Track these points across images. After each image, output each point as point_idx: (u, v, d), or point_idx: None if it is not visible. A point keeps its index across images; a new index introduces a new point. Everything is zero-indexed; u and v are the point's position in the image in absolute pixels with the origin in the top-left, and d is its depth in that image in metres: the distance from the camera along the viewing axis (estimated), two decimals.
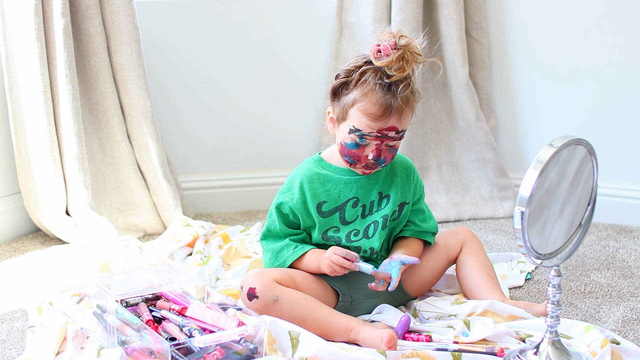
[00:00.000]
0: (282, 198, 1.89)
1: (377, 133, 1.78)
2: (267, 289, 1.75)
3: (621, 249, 2.40)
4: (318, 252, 1.85)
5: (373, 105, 1.77)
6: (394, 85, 1.77)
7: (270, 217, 1.92)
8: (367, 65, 1.79)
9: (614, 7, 2.64)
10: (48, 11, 2.46)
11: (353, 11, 2.85)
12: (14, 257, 2.44)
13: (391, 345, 1.64)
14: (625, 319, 1.88)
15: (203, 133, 2.95)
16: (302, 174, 1.89)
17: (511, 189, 2.85)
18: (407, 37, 1.77)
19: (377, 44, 1.77)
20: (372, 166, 1.83)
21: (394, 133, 1.79)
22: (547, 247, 1.55)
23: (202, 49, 2.89)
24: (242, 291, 1.79)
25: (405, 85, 1.77)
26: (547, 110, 2.82)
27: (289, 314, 1.73)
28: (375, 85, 1.77)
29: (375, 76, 1.77)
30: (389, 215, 1.89)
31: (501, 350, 1.65)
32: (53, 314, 1.88)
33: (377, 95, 1.77)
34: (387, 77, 1.77)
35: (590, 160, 1.55)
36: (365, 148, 1.81)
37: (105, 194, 2.67)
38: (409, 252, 1.90)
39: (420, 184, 1.98)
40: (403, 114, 1.78)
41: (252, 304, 1.76)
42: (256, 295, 1.75)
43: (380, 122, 1.77)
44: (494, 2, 2.84)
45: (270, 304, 1.74)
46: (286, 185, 1.91)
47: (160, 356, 1.58)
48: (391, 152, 1.83)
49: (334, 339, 1.73)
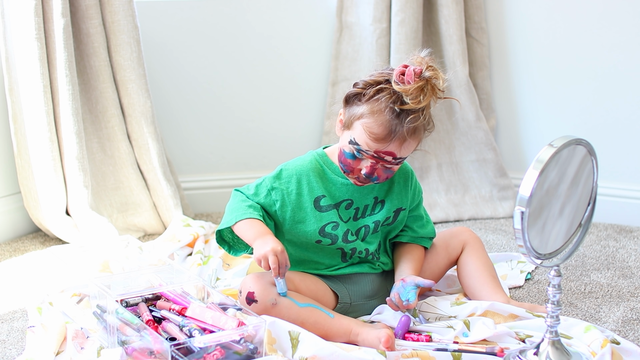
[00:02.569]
0: (278, 184, 1.84)
1: (374, 153, 1.75)
2: (265, 292, 1.74)
3: (621, 249, 2.40)
4: (259, 229, 1.77)
5: (377, 126, 1.73)
6: (404, 114, 1.72)
7: (255, 188, 1.85)
8: (386, 84, 1.75)
9: (614, 7, 2.64)
10: (48, 11, 2.46)
11: (353, 11, 2.85)
12: (14, 257, 2.44)
13: (389, 345, 1.63)
14: (625, 319, 1.88)
15: (203, 133, 2.95)
16: (303, 165, 1.86)
17: (511, 189, 2.85)
18: (434, 70, 1.72)
19: (405, 66, 1.72)
20: (364, 181, 1.81)
21: (391, 158, 1.76)
22: (547, 247, 1.55)
23: (202, 48, 2.89)
24: (241, 295, 1.77)
25: (416, 117, 1.72)
26: (547, 110, 2.82)
27: (288, 317, 1.72)
28: (386, 107, 1.73)
29: (389, 98, 1.73)
30: (381, 221, 1.88)
31: (501, 350, 1.65)
32: (53, 314, 1.88)
33: (384, 117, 1.73)
34: (400, 104, 1.72)
35: (590, 160, 1.55)
36: (360, 162, 1.78)
37: (105, 194, 2.67)
38: (416, 265, 1.88)
39: (419, 189, 1.96)
40: (405, 143, 1.75)
41: (251, 307, 1.74)
42: (255, 299, 1.74)
43: (380, 144, 1.74)
44: (494, 2, 2.84)
45: (270, 307, 1.73)
46: (285, 172, 1.85)
47: (160, 356, 1.58)
48: (386, 173, 1.79)
49: (334, 340, 1.72)
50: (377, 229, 1.89)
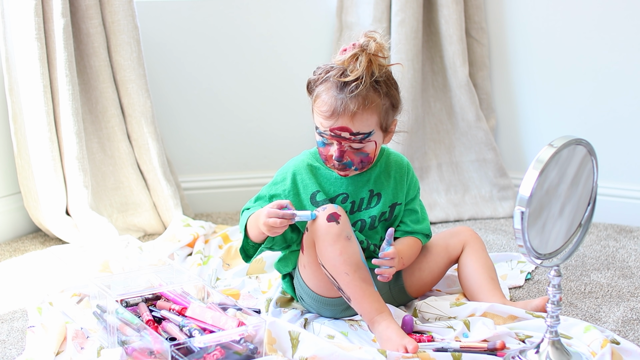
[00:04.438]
0: (275, 190, 1.87)
1: (330, 132, 1.77)
2: (347, 224, 1.75)
3: (621, 249, 2.40)
4: (254, 215, 1.81)
5: (324, 103, 1.76)
6: (346, 85, 1.75)
7: (255, 200, 1.89)
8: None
9: (614, 7, 2.64)
10: (48, 11, 2.46)
11: (353, 11, 2.85)
12: (14, 257, 2.44)
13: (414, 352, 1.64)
14: (625, 319, 1.88)
15: (203, 133, 2.95)
16: (296, 164, 1.88)
17: (511, 189, 2.85)
18: (370, 38, 1.76)
19: (353, 43, 1.77)
20: (340, 167, 1.81)
21: (347, 134, 1.76)
22: (547, 247, 1.55)
23: (202, 48, 2.89)
24: (321, 212, 1.74)
25: (356, 85, 1.74)
26: (547, 110, 2.82)
27: (342, 261, 1.72)
28: (332, 83, 1.76)
29: (335, 75, 1.77)
30: (377, 216, 1.88)
31: (502, 344, 1.65)
32: (53, 314, 1.88)
33: (330, 93, 1.76)
34: (344, 77, 1.75)
35: (590, 160, 1.55)
36: (329, 147, 1.80)
37: (105, 194, 2.67)
38: (401, 246, 1.88)
39: (415, 183, 1.95)
40: (357, 115, 1.75)
41: (327, 226, 1.72)
42: (338, 220, 1.73)
43: (330, 120, 1.75)
44: (494, 2, 2.84)
45: (343, 237, 1.72)
46: (279, 176, 1.89)
47: (160, 356, 1.58)
48: (359, 156, 1.80)
49: (358, 309, 1.73)
50: (375, 224, 1.88)
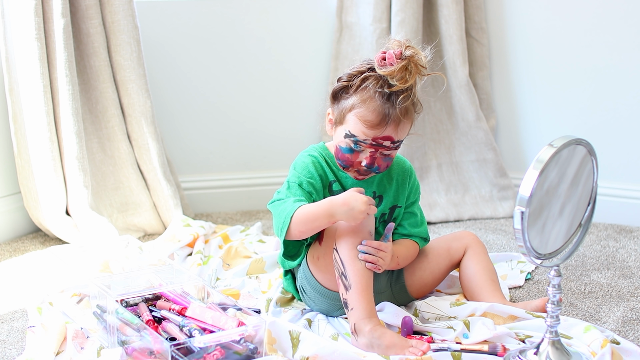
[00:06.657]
0: (303, 177, 1.84)
1: (372, 141, 1.77)
2: (373, 221, 1.78)
3: (621, 249, 2.40)
4: (320, 204, 1.76)
5: (370, 113, 1.75)
6: (394, 96, 1.75)
7: (286, 192, 1.84)
8: (369, 72, 1.78)
9: (614, 7, 2.64)
10: (48, 11, 2.46)
11: (353, 11, 2.85)
12: (14, 257, 2.44)
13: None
14: (625, 319, 1.88)
15: (203, 133, 2.95)
16: (312, 155, 1.87)
17: (511, 189, 2.85)
18: (413, 48, 1.76)
19: (383, 52, 1.76)
20: (365, 173, 1.82)
21: (389, 143, 1.78)
22: (547, 247, 1.55)
23: (202, 49, 2.89)
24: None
25: (406, 96, 1.75)
26: (547, 110, 2.82)
27: (364, 227, 1.74)
28: (375, 93, 1.75)
29: (376, 84, 1.76)
30: (377, 217, 1.89)
31: (503, 349, 1.65)
32: (53, 314, 1.88)
33: (375, 103, 1.75)
34: (388, 87, 1.75)
35: (590, 160, 1.55)
36: (359, 154, 1.80)
37: (105, 194, 2.67)
38: (398, 246, 1.89)
39: (417, 187, 1.96)
40: (400, 124, 1.77)
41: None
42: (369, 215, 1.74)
43: (376, 130, 1.76)
44: (494, 2, 2.84)
45: (367, 231, 1.75)
46: (299, 165, 1.86)
47: (160, 356, 1.58)
48: (386, 161, 1.81)
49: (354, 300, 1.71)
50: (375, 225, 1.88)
